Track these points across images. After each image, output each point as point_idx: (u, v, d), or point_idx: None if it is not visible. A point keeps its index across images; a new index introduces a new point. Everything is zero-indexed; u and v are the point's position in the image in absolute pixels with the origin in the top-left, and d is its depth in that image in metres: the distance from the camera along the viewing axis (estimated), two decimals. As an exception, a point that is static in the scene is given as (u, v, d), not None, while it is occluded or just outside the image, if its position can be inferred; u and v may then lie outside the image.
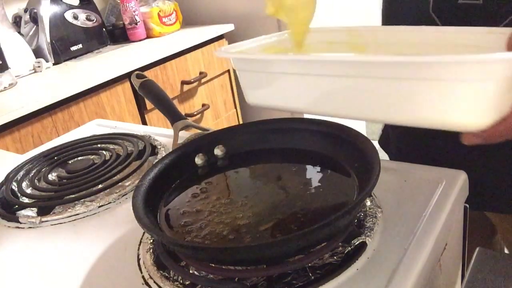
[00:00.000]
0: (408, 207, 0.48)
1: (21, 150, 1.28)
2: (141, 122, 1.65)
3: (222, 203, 0.49)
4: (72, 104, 1.42)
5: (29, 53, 1.69)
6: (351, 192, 0.47)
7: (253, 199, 0.49)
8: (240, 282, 0.40)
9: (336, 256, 0.42)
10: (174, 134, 0.66)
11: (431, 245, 0.42)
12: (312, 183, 0.51)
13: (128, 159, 0.68)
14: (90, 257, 0.50)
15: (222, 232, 0.44)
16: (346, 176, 0.50)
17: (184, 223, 0.47)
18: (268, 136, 0.58)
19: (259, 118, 0.59)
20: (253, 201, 0.49)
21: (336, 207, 0.47)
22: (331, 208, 0.47)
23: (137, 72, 0.76)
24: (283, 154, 0.57)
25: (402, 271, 0.40)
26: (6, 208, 0.62)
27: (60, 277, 0.48)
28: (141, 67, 1.59)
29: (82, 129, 0.90)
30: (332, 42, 0.58)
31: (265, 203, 0.48)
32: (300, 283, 0.40)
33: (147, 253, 0.47)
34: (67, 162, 0.73)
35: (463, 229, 0.55)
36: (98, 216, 0.58)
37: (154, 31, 1.96)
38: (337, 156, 0.53)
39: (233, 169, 0.57)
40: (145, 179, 0.50)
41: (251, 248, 0.40)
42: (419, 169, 0.55)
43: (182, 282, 0.42)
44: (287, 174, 0.54)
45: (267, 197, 0.49)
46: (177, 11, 2.03)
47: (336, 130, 0.53)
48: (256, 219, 0.45)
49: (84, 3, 1.90)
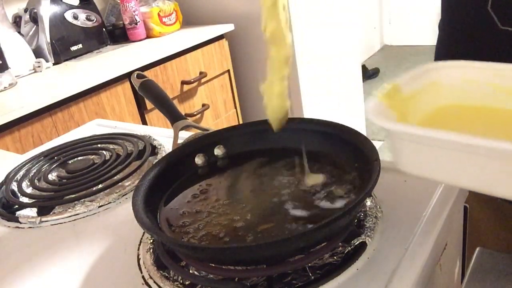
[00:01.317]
0: (408, 207, 0.48)
1: (21, 150, 1.28)
2: (141, 122, 1.65)
3: (221, 204, 0.49)
4: (72, 104, 1.42)
5: (29, 53, 1.69)
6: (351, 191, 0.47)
7: (252, 200, 0.49)
8: (240, 282, 0.40)
9: (336, 256, 0.42)
10: (174, 134, 0.66)
11: (431, 245, 0.42)
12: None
13: (128, 159, 0.68)
14: (90, 257, 0.50)
15: (218, 234, 0.44)
16: (346, 176, 0.50)
17: (182, 223, 0.47)
18: (268, 136, 0.58)
19: (259, 118, 0.58)
20: (253, 202, 0.49)
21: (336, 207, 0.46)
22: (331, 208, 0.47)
23: (137, 72, 0.76)
24: (283, 154, 0.57)
25: (402, 271, 0.40)
26: (6, 208, 0.62)
27: (60, 277, 0.48)
28: (141, 67, 1.59)
29: (82, 129, 0.90)
30: (473, 81, 0.49)
31: (264, 203, 0.48)
32: (300, 283, 0.40)
33: (147, 253, 0.47)
34: (67, 162, 0.73)
35: (463, 229, 0.55)
36: (98, 216, 0.58)
37: (154, 31, 1.96)
38: (337, 156, 0.53)
39: (233, 169, 0.57)
40: (145, 179, 0.50)
41: (251, 248, 0.40)
42: (419, 169, 0.55)
43: (182, 282, 0.42)
44: (286, 174, 0.54)
45: (267, 197, 0.49)
46: (177, 11, 2.03)
47: (336, 130, 0.53)
48: (255, 220, 0.45)
49: (84, 3, 1.90)
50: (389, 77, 3.87)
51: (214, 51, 1.89)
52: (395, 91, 0.45)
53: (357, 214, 0.46)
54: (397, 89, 0.45)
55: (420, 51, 4.23)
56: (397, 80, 0.46)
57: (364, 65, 3.67)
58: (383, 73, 3.97)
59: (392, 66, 4.12)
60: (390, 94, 0.44)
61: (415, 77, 0.47)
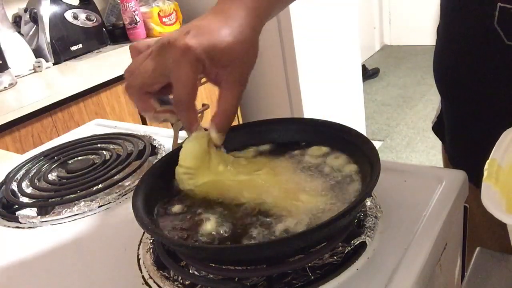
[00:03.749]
0: (408, 207, 0.48)
1: (21, 150, 1.28)
2: (141, 122, 1.65)
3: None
4: (72, 104, 1.42)
5: (29, 53, 1.69)
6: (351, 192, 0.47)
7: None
8: (240, 282, 0.40)
9: (336, 256, 0.42)
10: (174, 134, 0.66)
11: (431, 245, 0.42)
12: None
13: (128, 159, 0.68)
14: (90, 257, 0.50)
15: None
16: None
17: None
18: (268, 136, 0.58)
19: (259, 118, 0.58)
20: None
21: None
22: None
23: (137, 72, 0.76)
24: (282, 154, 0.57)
25: (402, 271, 0.40)
26: (6, 208, 0.62)
27: (60, 277, 0.48)
28: (141, 67, 1.59)
29: (82, 129, 0.90)
30: None
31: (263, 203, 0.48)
32: (300, 283, 0.40)
33: (147, 253, 0.47)
34: (67, 162, 0.73)
35: (463, 229, 0.55)
36: (98, 216, 0.58)
37: (154, 31, 1.96)
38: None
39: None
40: (145, 179, 0.50)
41: (251, 248, 0.40)
42: (419, 169, 0.55)
43: (182, 282, 0.42)
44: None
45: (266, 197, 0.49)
46: (177, 11, 2.03)
47: (336, 130, 0.53)
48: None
49: (84, 3, 1.90)
50: (389, 77, 3.87)
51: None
52: (496, 167, 0.42)
53: (357, 214, 0.46)
54: (497, 165, 0.42)
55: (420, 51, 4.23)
56: (492, 154, 0.43)
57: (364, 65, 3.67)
58: (383, 73, 3.98)
59: (392, 66, 4.12)
60: (493, 173, 0.42)
61: (507, 147, 0.44)
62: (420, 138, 2.84)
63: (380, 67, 4.02)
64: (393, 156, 2.69)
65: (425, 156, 2.65)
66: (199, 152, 0.49)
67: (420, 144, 2.78)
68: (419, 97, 3.39)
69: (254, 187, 0.48)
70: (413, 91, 3.52)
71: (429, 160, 2.60)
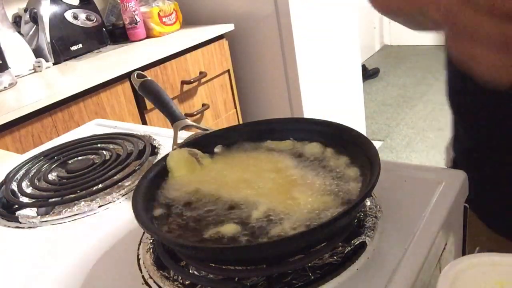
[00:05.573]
0: (408, 207, 0.48)
1: (21, 150, 1.28)
2: (141, 122, 1.65)
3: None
4: (72, 104, 1.42)
5: (29, 53, 1.69)
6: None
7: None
8: (240, 282, 0.40)
9: (336, 256, 0.42)
10: (174, 134, 0.66)
11: (431, 245, 0.42)
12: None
13: (128, 159, 0.68)
14: (90, 257, 0.50)
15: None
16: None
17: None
18: (268, 136, 0.58)
19: (259, 118, 0.58)
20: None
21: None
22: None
23: (137, 72, 0.76)
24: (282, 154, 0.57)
25: (402, 271, 0.40)
26: (6, 208, 0.62)
27: (60, 277, 0.48)
28: (141, 67, 1.59)
29: (82, 129, 0.90)
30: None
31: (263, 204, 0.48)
32: (300, 283, 0.40)
33: (147, 253, 0.47)
34: (67, 162, 0.73)
35: (463, 229, 0.55)
36: (98, 216, 0.58)
37: (154, 31, 1.96)
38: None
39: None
40: (145, 179, 0.50)
41: (251, 248, 0.40)
42: (419, 169, 0.55)
43: (182, 282, 0.42)
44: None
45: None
46: (177, 11, 2.03)
47: (336, 130, 0.53)
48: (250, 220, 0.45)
49: (84, 3, 1.90)
50: (389, 77, 3.87)
51: (214, 51, 1.89)
52: None
53: (357, 214, 0.46)
54: None
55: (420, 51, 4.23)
56: None
57: (364, 65, 3.67)
58: (383, 73, 3.97)
59: (392, 66, 4.12)
60: None
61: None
62: (420, 138, 2.84)
63: (380, 67, 4.02)
64: (393, 156, 2.69)
65: (425, 156, 2.65)
66: (187, 160, 0.54)
67: (420, 144, 2.78)
68: (419, 97, 3.39)
69: (251, 187, 0.48)
70: (413, 91, 3.52)
71: (429, 160, 2.60)
